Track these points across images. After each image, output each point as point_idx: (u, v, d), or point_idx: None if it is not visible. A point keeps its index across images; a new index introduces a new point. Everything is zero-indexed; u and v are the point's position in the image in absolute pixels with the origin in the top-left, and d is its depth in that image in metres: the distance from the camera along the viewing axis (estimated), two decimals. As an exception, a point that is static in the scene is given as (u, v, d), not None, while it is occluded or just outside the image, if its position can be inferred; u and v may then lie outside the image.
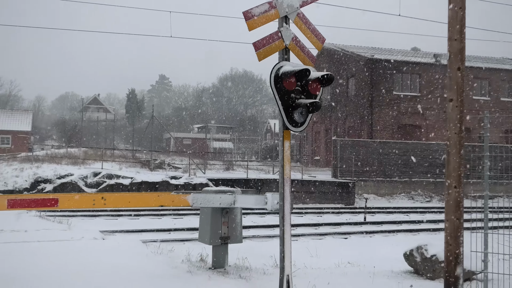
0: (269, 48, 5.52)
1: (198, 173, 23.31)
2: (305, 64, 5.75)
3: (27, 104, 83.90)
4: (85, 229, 11.35)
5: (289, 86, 5.30)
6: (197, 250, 8.10)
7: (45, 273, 6.30)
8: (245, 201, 6.62)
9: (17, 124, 50.35)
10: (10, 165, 22.23)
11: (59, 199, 5.36)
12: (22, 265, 6.76)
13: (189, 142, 50.83)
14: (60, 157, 25.90)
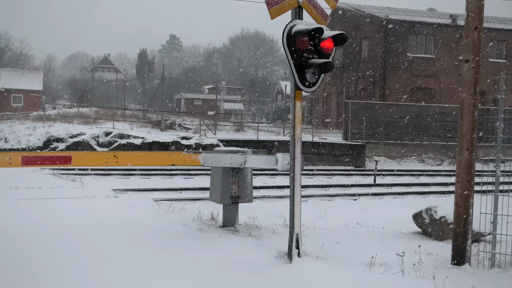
0: (282, 6, 5.41)
1: (208, 134, 23.38)
2: (318, 23, 5.63)
3: (38, 63, 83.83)
4: (97, 187, 11.58)
5: (302, 45, 5.23)
6: (208, 209, 8.23)
7: (60, 228, 6.47)
8: (256, 161, 6.67)
9: (29, 83, 50.49)
10: (23, 123, 22.44)
11: (72, 157, 5.44)
12: (37, 220, 6.95)
13: (200, 103, 50.76)
14: (72, 116, 26.09)
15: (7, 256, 5.04)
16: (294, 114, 5.42)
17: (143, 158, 5.81)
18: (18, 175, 12.34)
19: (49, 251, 5.29)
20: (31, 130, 20.64)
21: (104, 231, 6.38)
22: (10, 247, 5.42)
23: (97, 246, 5.57)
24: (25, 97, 49.74)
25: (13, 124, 22.64)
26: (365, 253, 5.39)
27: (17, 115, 36.67)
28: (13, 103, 49.23)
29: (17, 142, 19.60)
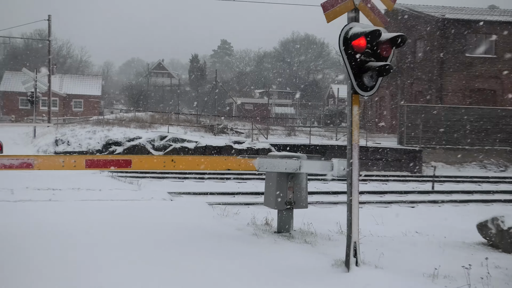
0: (338, 9, 5.33)
1: (260, 138, 23.48)
2: (376, 25, 5.50)
3: (96, 69, 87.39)
4: (153, 190, 11.85)
5: (359, 48, 5.12)
6: (262, 214, 8.21)
7: (119, 228, 6.67)
8: (311, 166, 6.58)
9: (88, 88, 52.77)
10: (84, 127, 23.48)
11: (132, 160, 5.58)
12: (97, 221, 7.20)
13: (251, 107, 51.12)
14: (129, 120, 26.99)
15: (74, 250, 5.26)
16: (351, 118, 5.31)
17: (200, 162, 5.90)
18: (80, 177, 12.88)
19: (110, 252, 5.45)
20: (91, 134, 21.56)
21: (161, 234, 6.51)
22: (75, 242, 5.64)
23: (156, 248, 5.69)
24: (85, 102, 52.03)
25: (75, 128, 23.73)
26: (427, 263, 5.18)
27: (78, 119, 38.40)
28: (74, 108, 51.62)
29: (78, 145, 20.54)
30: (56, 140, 21.22)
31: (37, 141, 23.16)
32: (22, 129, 30.10)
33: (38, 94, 26.03)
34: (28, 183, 11.37)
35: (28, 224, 6.84)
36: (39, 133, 25.68)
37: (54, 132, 23.51)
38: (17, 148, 20.30)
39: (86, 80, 54.68)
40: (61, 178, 12.10)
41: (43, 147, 21.08)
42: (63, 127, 26.15)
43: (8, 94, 49.94)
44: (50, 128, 26.65)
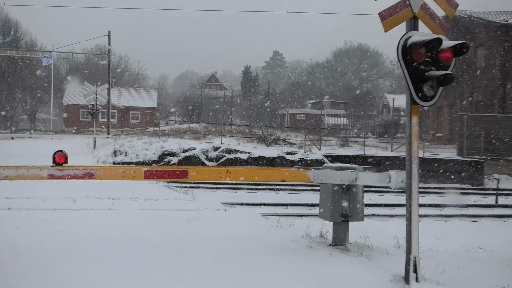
0: (396, 18, 5.23)
1: (313, 149, 23.33)
2: (436, 33, 5.36)
3: (152, 82, 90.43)
4: (208, 200, 12.05)
5: (418, 57, 5.00)
6: (316, 226, 8.13)
7: (175, 238, 6.82)
8: (367, 178, 6.46)
9: (145, 101, 54.63)
10: (140, 139, 24.26)
11: (189, 171, 5.69)
12: (154, 230, 7.40)
13: (303, 118, 51.01)
14: (183, 132, 27.63)
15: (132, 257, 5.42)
16: (410, 129, 5.18)
17: (255, 173, 5.94)
18: (137, 187, 13.30)
19: (169, 262, 5.58)
20: (147, 145, 22.22)
21: (216, 244, 6.59)
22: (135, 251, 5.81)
23: (210, 258, 5.76)
24: (141, 114, 53.85)
25: (132, 139, 24.57)
26: (492, 282, 4.93)
27: (135, 130, 39.77)
28: (131, 120, 53.54)
29: (135, 156, 21.24)
30: (115, 151, 22.04)
31: (97, 152, 24.14)
32: (83, 140, 31.56)
33: (98, 107, 27.22)
34: (88, 192, 11.87)
35: (91, 233, 7.13)
36: (99, 144, 26.78)
37: (112, 143, 24.44)
38: (79, 158, 21.23)
39: (142, 92, 56.63)
40: (119, 188, 12.54)
41: (103, 157, 21.93)
42: (121, 139, 27.14)
43: (71, 106, 52.53)
44: (109, 139, 27.76)
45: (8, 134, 39.29)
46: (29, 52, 44.00)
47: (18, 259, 5.42)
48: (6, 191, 10.95)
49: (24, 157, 20.63)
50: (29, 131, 46.13)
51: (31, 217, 8.31)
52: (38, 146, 28.47)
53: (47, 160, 9.13)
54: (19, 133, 43.28)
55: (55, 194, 11.11)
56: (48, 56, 40.72)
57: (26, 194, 10.92)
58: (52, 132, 46.60)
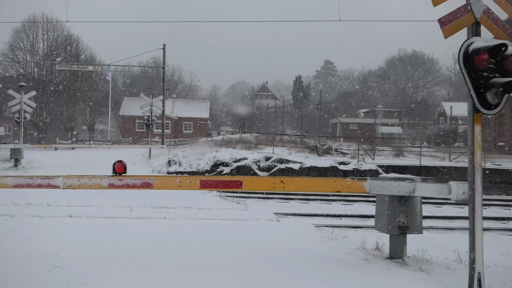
0: (457, 24, 5.06)
1: (366, 159, 22.89)
2: (499, 38, 5.14)
3: (204, 93, 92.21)
4: (260, 210, 12.06)
5: (481, 64, 4.80)
6: (372, 238, 7.94)
7: (229, 248, 6.86)
8: (426, 189, 6.26)
9: (197, 111, 55.74)
10: (194, 149, 24.75)
11: (243, 182, 5.72)
12: (208, 239, 7.48)
13: (355, 127, 50.22)
14: (235, 142, 27.92)
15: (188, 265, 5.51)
16: (472, 139, 4.98)
17: (309, 184, 5.90)
18: (190, 196, 13.52)
19: (219, 270, 5.62)
20: (200, 155, 22.64)
21: (270, 255, 6.57)
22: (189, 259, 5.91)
23: (266, 269, 5.75)
24: (194, 124, 54.96)
25: (185, 149, 25.11)
26: None
27: (188, 140, 40.61)
28: (184, 130, 54.75)
29: (189, 165, 21.69)
30: (169, 161, 22.59)
31: (152, 162, 24.85)
32: (138, 150, 32.59)
33: (153, 118, 28.05)
34: (144, 201, 12.20)
35: (146, 241, 7.31)
36: (154, 154, 27.57)
37: (167, 153, 25.09)
38: (135, 168, 21.96)
39: (195, 103, 57.84)
40: (173, 197, 12.80)
41: (157, 167, 22.54)
42: (175, 149, 27.81)
43: (127, 118, 54.44)
44: (163, 149, 28.50)
45: (69, 144, 41.24)
46: (89, 66, 46.11)
47: (78, 265, 5.64)
48: (69, 200, 11.48)
49: (84, 167, 21.56)
50: (88, 142, 48.22)
51: (90, 224, 8.64)
52: (96, 156, 29.68)
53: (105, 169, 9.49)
54: (79, 144, 45.33)
55: (113, 203, 11.50)
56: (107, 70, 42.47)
57: (86, 203, 11.38)
58: (109, 142, 48.45)
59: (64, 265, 5.64)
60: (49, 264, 5.64)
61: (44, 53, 51.73)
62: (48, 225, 8.38)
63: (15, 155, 22.88)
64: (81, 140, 52.65)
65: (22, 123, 25.42)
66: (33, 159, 26.53)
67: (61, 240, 7.00)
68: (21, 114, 25.14)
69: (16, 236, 7.20)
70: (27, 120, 26.23)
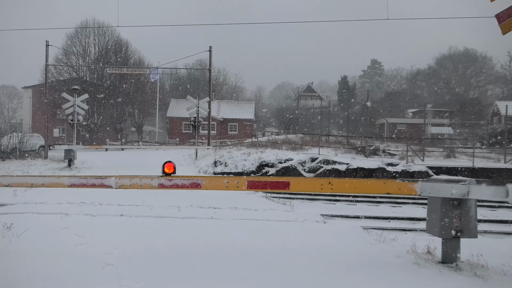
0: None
1: (415, 160, 22.29)
2: None
3: (249, 94, 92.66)
4: (306, 211, 11.99)
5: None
6: (422, 242, 7.72)
7: (277, 249, 6.85)
8: (481, 192, 6.01)
9: (242, 112, 56.10)
10: (239, 150, 24.94)
11: (290, 182, 5.70)
12: (253, 239, 7.50)
13: (403, 128, 49.04)
14: (280, 143, 27.90)
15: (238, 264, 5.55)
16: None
17: (358, 185, 5.80)
18: (236, 197, 13.63)
19: (267, 270, 5.62)
20: (246, 156, 22.77)
21: (317, 257, 6.51)
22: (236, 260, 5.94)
23: (314, 272, 5.70)
24: (239, 125, 55.35)
25: (231, 150, 25.33)
26: None
27: (233, 141, 40.95)
28: (229, 131, 55.25)
29: (234, 166, 21.87)
30: (215, 162, 22.85)
31: (198, 162, 25.22)
32: (185, 151, 33.19)
33: (199, 119, 28.47)
34: (191, 201, 12.39)
35: (194, 241, 7.42)
36: (200, 155, 27.98)
37: (213, 154, 25.39)
38: (182, 168, 22.36)
39: (240, 105, 58.25)
40: (219, 197, 12.94)
41: (204, 168, 22.85)
42: (221, 150, 28.11)
43: (174, 119, 55.54)
44: (209, 150, 28.87)
45: (119, 145, 42.56)
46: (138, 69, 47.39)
47: (130, 263, 5.80)
48: (119, 199, 11.84)
49: (133, 167, 22.16)
50: (137, 143, 49.55)
51: (140, 223, 8.86)
52: (145, 157, 30.48)
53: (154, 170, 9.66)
54: (128, 145, 46.68)
55: (161, 202, 11.75)
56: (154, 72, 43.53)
57: (135, 202, 11.69)
58: (157, 143, 49.61)
59: (116, 262, 5.80)
60: (102, 261, 5.83)
61: (95, 57, 53.65)
62: (101, 223, 8.67)
63: (69, 156, 23.81)
64: (130, 141, 54.21)
65: (75, 125, 26.46)
66: (85, 159, 27.59)
67: (113, 238, 7.22)
68: (74, 116, 26.19)
69: (71, 234, 7.49)
70: (80, 122, 27.25)
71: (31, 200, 11.89)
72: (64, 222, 8.57)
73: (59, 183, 5.55)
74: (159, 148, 39.90)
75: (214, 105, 51.99)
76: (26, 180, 5.80)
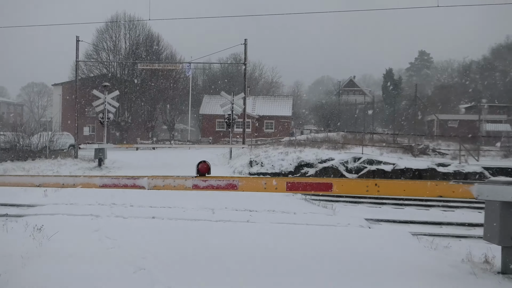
0: None
1: (469, 160, 21.65)
2: None
3: (286, 90, 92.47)
4: (349, 215, 11.84)
5: None
6: (479, 250, 7.47)
7: (319, 255, 6.77)
8: (547, 195, 5.75)
9: (279, 109, 56.02)
10: (276, 149, 24.91)
11: (333, 184, 5.63)
12: (293, 245, 7.45)
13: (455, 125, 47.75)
14: (320, 141, 27.70)
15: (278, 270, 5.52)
16: None
17: (407, 187, 5.65)
18: (274, 199, 13.59)
19: (310, 278, 5.56)
20: (283, 155, 22.72)
21: (363, 264, 6.40)
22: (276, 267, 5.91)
23: (360, 281, 5.60)
24: (276, 122, 55.31)
25: (268, 149, 25.33)
26: None
27: (269, 140, 40.96)
28: (265, 129, 55.29)
29: (271, 166, 21.85)
30: (251, 161, 22.90)
31: (233, 162, 25.35)
32: (219, 150, 33.47)
33: (234, 116, 28.61)
34: (226, 203, 12.45)
35: (230, 245, 7.44)
36: (234, 154, 28.13)
37: (248, 154, 25.47)
38: (216, 168, 22.49)
39: (277, 101, 58.14)
40: (255, 199, 12.93)
41: (239, 168, 22.95)
42: (257, 149, 28.18)
43: (207, 116, 56.06)
44: (244, 149, 28.98)
45: (150, 144, 43.30)
46: (170, 65, 48.08)
47: (162, 268, 5.86)
48: (151, 201, 12.02)
49: (165, 167, 22.49)
50: (169, 142, 50.31)
51: (173, 226, 8.96)
52: (177, 156, 30.89)
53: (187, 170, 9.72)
54: (159, 144, 47.46)
55: (194, 204, 11.86)
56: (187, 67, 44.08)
57: (167, 204, 11.85)
58: (189, 142, 50.20)
59: (149, 267, 5.88)
60: (133, 265, 5.92)
61: (126, 53, 54.76)
62: (132, 226, 8.82)
63: (99, 155, 24.39)
64: (162, 140, 55.11)
65: (105, 123, 27.06)
66: (115, 159, 28.20)
67: (145, 242, 7.32)
68: (104, 114, 26.79)
69: (102, 236, 7.65)
70: (111, 120, 27.83)
71: (62, 201, 12.24)
72: (95, 224, 8.77)
73: (90, 183, 5.67)
74: (192, 147, 40.36)
75: (249, 101, 52.11)
76: (57, 180, 5.96)
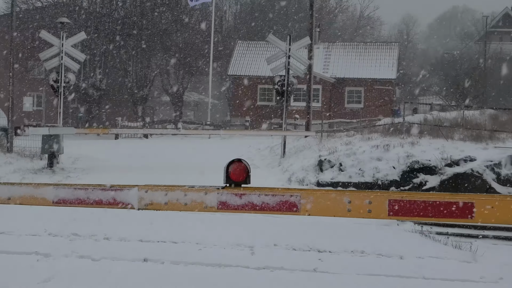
0: None
1: None
2: None
3: (386, 33, 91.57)
4: (503, 263, 11.64)
5: None
6: None
7: None
8: None
9: (374, 68, 55.56)
10: (368, 139, 24.62)
11: (475, 205, 5.51)
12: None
13: None
14: (449, 126, 27.30)
15: None
16: None
17: None
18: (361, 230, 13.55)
19: None
20: (380, 151, 22.48)
21: None
22: None
23: None
24: (366, 91, 55.00)
25: (351, 140, 25.14)
26: None
27: (354, 123, 40.66)
28: (347, 103, 54.98)
29: (358, 171, 21.68)
30: (320, 162, 22.84)
31: (287, 163, 25.41)
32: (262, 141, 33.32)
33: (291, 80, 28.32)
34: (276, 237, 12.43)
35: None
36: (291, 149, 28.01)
37: (316, 147, 25.46)
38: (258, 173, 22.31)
39: (370, 52, 57.19)
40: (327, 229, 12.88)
41: (298, 172, 22.97)
42: (331, 139, 28.08)
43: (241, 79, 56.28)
44: (309, 139, 28.89)
45: (140, 129, 43.93)
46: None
47: None
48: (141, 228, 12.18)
49: (166, 170, 22.75)
50: (174, 125, 50.77)
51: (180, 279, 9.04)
52: (187, 150, 31.19)
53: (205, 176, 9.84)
54: (157, 128, 48.04)
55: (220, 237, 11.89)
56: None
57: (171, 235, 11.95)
58: (210, 125, 50.36)
59: None
60: None
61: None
62: (107, 275, 8.93)
63: (50, 147, 23.88)
64: (161, 122, 55.12)
65: (62, 90, 26.65)
66: (79, 154, 28.53)
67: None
68: (61, 73, 26.39)
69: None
70: (71, 84, 27.48)
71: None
72: (44, 270, 8.91)
73: (37, 197, 5.67)
74: (214, 135, 40.45)
75: (318, 52, 51.88)
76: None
